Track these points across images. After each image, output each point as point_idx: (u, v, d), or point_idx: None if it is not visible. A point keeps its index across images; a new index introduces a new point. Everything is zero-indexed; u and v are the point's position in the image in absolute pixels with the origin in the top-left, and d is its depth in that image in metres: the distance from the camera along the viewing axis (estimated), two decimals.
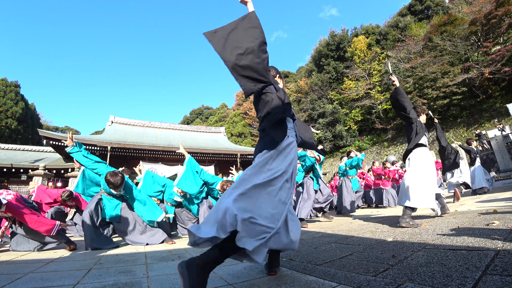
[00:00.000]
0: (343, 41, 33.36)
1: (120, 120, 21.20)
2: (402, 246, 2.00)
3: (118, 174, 3.22)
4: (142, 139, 17.68)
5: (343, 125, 30.14)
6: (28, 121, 29.13)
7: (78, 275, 1.87)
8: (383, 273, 1.42)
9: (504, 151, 13.08)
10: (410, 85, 23.60)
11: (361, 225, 3.76)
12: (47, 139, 13.47)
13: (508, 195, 5.16)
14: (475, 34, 21.00)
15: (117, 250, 3.08)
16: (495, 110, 19.81)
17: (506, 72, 18.41)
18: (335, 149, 31.17)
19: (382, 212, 5.87)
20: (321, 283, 1.38)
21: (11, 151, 17.26)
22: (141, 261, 2.34)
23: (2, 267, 2.22)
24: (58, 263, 2.40)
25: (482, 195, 6.36)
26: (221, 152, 17.69)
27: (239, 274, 1.70)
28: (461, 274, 1.24)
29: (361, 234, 2.89)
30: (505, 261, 1.32)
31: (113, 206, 3.44)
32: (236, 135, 42.86)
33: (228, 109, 57.32)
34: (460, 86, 20.80)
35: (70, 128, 51.51)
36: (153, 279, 1.69)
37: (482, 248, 1.62)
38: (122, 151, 14.89)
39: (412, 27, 29.17)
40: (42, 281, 1.73)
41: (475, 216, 3.06)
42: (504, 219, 2.51)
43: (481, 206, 4.12)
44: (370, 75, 30.10)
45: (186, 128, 24.69)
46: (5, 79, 28.40)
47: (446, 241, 1.98)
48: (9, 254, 2.94)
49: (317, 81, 32.81)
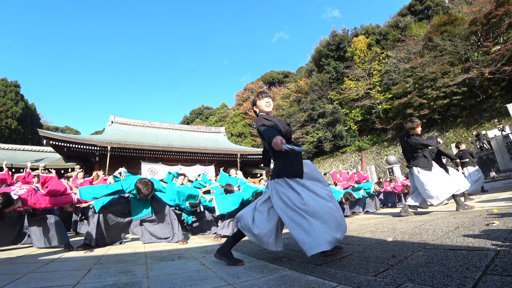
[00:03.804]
0: (343, 41, 33.34)
1: (120, 120, 21.19)
2: (402, 246, 2.00)
3: (148, 183, 3.29)
4: (142, 139, 17.67)
5: (343, 125, 30.12)
6: (28, 121, 29.10)
7: (78, 275, 1.87)
8: (383, 273, 1.42)
9: (504, 151, 13.07)
10: (410, 85, 23.60)
11: (361, 225, 3.76)
12: (47, 139, 13.46)
13: (508, 195, 5.17)
14: (475, 34, 21.00)
15: (117, 250, 3.08)
16: (495, 110, 19.80)
17: (506, 72, 18.40)
18: (335, 149, 31.15)
19: (382, 212, 5.87)
20: (321, 283, 1.38)
21: (11, 151, 17.26)
22: (141, 261, 2.34)
23: (2, 267, 2.22)
24: (58, 263, 2.40)
25: (482, 195, 6.37)
26: (221, 152, 17.68)
27: (239, 274, 1.70)
28: (461, 274, 1.24)
29: (361, 234, 2.89)
30: (505, 261, 1.32)
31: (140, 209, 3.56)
32: (236, 135, 42.86)
33: (228, 109, 57.32)
34: (460, 86, 20.80)
35: (70, 128, 51.50)
36: (153, 279, 1.69)
37: (482, 248, 1.62)
38: (122, 151, 14.88)
39: (412, 27, 29.16)
40: (42, 281, 1.73)
41: (475, 216, 3.05)
42: (504, 219, 2.51)
43: (481, 206, 4.12)
44: (370, 75, 30.09)
45: (186, 128, 24.68)
46: (5, 79, 28.37)
47: (446, 241, 1.98)
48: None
49: (317, 81, 32.80)
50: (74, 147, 13.75)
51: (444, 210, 4.28)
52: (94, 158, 15.30)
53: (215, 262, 2.15)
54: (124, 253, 2.83)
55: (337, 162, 30.41)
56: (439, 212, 4.09)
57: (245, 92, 52.22)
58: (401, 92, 24.55)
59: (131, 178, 3.40)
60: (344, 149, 29.98)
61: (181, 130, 23.55)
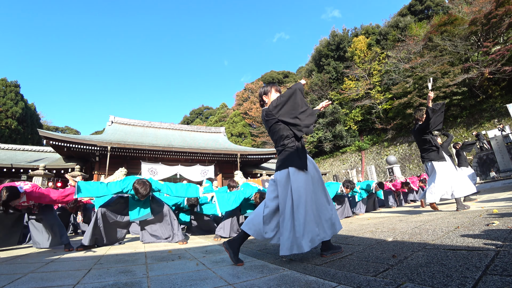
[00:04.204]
0: (343, 41, 33.35)
1: (120, 120, 21.20)
2: (402, 246, 2.00)
3: (146, 183, 3.28)
4: (142, 139, 17.67)
5: (343, 125, 30.12)
6: (28, 121, 29.11)
7: (78, 275, 1.87)
8: (383, 273, 1.42)
9: (504, 151, 13.08)
10: (410, 85, 23.59)
11: (361, 225, 3.76)
12: (47, 139, 13.46)
13: (508, 195, 5.16)
14: (475, 34, 21.00)
15: (117, 250, 3.08)
16: (495, 110, 19.80)
17: (506, 72, 18.40)
18: (335, 149, 31.15)
19: (382, 212, 5.87)
20: (321, 283, 1.38)
21: (11, 151, 17.26)
22: (141, 261, 2.34)
23: (2, 267, 2.22)
24: (58, 263, 2.40)
25: (482, 195, 6.37)
26: (221, 152, 17.68)
27: (239, 274, 1.70)
28: (461, 274, 1.24)
29: (361, 234, 2.89)
30: (505, 261, 1.32)
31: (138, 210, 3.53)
32: (236, 135, 42.87)
33: (228, 109, 57.33)
34: (460, 86, 20.80)
35: (70, 128, 51.51)
36: (153, 279, 1.69)
37: (482, 248, 1.62)
38: (122, 151, 14.88)
39: (412, 27, 29.17)
40: (42, 281, 1.73)
41: (475, 216, 3.05)
42: (504, 219, 2.51)
43: (481, 206, 4.12)
44: (370, 75, 30.10)
45: (186, 128, 24.68)
46: (5, 79, 28.37)
47: (446, 241, 1.98)
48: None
49: (317, 81, 32.81)
50: (74, 147, 13.75)
51: (444, 210, 4.28)
52: (94, 158, 15.30)
53: (215, 262, 2.15)
54: (124, 253, 2.83)
55: (337, 162, 30.42)
56: (439, 212, 4.09)
57: (245, 92, 52.22)
58: (401, 92, 24.55)
59: (129, 179, 3.39)
60: (344, 149, 29.98)
61: (181, 130, 23.56)
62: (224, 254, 2.48)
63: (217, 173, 18.15)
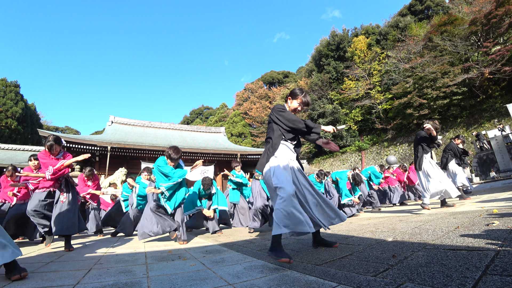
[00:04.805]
0: (343, 41, 33.34)
1: (120, 120, 21.20)
2: (402, 246, 2.00)
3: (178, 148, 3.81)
4: (142, 139, 17.68)
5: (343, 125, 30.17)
6: (28, 121, 29.11)
7: (78, 275, 1.87)
8: (383, 273, 1.42)
9: (504, 151, 13.08)
10: (410, 85, 23.59)
11: (361, 225, 3.76)
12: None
13: (508, 195, 5.16)
14: (475, 34, 20.99)
15: (117, 250, 3.08)
16: (495, 110, 19.80)
17: (506, 72, 18.40)
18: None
19: (382, 212, 5.87)
20: (321, 283, 1.38)
21: (11, 151, 17.26)
22: (141, 261, 2.34)
23: (2, 267, 2.22)
24: (58, 263, 2.40)
25: (482, 195, 6.36)
26: (221, 152, 17.69)
27: (239, 274, 1.70)
28: (461, 274, 1.24)
29: (361, 234, 2.89)
30: (505, 261, 1.32)
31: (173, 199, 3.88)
32: (236, 135, 42.86)
33: (228, 109, 57.32)
34: (460, 86, 20.79)
35: (70, 128, 51.51)
36: (153, 279, 1.69)
37: (482, 248, 1.62)
38: (122, 151, 14.89)
39: (412, 27, 29.17)
40: (42, 281, 1.73)
41: (475, 216, 3.05)
42: (504, 219, 2.51)
43: (481, 206, 4.12)
44: (370, 75, 30.09)
45: (186, 128, 24.70)
46: (5, 79, 28.38)
47: (446, 241, 1.98)
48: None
49: (317, 81, 32.81)
50: (74, 147, 13.75)
51: (444, 210, 4.28)
52: (94, 158, 15.30)
53: (215, 262, 2.15)
54: (124, 253, 2.84)
55: (337, 162, 30.43)
56: (439, 212, 4.09)
57: (245, 92, 52.21)
58: (401, 92, 24.54)
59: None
60: (344, 149, 29.98)
61: (181, 130, 23.57)
62: (224, 254, 2.48)
63: (217, 173, 18.16)
